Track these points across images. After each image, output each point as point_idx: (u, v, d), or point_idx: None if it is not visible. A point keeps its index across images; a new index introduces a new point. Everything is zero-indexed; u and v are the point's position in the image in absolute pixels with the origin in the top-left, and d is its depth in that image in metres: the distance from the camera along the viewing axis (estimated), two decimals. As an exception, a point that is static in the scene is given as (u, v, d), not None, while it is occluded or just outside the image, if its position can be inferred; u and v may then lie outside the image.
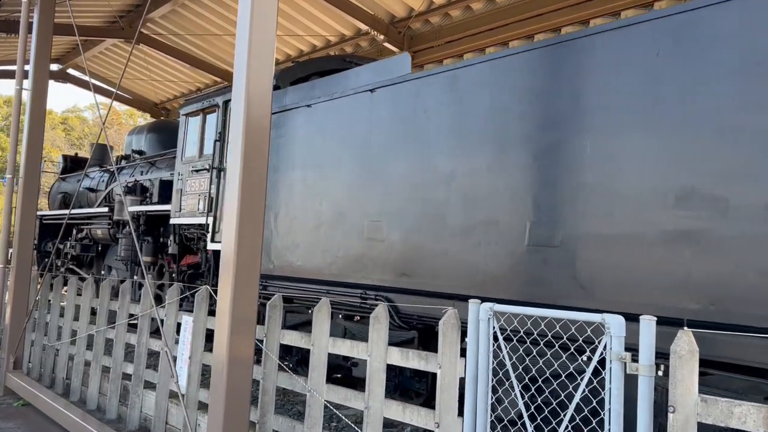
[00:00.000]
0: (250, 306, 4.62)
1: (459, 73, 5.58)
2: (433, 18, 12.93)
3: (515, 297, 4.96)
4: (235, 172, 4.65)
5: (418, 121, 5.94)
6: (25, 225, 9.09)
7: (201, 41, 16.83)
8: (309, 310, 7.57)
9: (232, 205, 4.63)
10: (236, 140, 4.69)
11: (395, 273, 6.00)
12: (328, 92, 7.11)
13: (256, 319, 4.70)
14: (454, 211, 5.51)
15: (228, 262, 4.58)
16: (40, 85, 9.24)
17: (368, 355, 4.40)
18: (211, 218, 8.84)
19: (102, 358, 8.17)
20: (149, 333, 7.38)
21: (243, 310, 4.56)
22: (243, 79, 4.70)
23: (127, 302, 7.82)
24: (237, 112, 4.73)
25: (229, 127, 8.39)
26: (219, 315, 4.58)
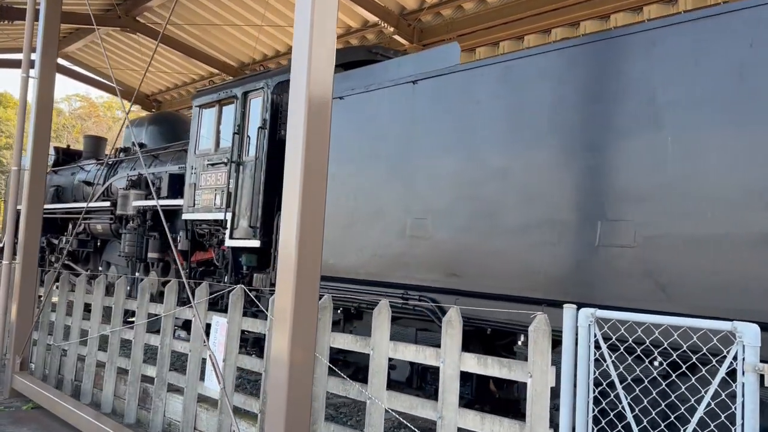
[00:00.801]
0: (311, 310, 4.34)
1: (517, 64, 5.33)
2: (445, 10, 12.66)
3: (581, 299, 4.73)
4: (297, 167, 4.36)
5: (468, 114, 5.69)
6: (31, 219, 8.69)
7: (200, 32, 16.40)
8: (338, 310, 7.31)
9: (293, 202, 4.35)
10: (296, 133, 4.39)
11: (442, 273, 5.75)
12: (363, 84, 6.83)
13: (316, 323, 4.42)
14: (510, 208, 5.27)
15: (289, 263, 4.29)
16: (48, 73, 8.84)
17: (441, 362, 4.14)
18: (229, 214, 8.53)
19: (117, 359, 7.83)
20: (172, 334, 7.05)
21: (304, 314, 4.28)
22: (304, 66, 4.40)
23: (147, 301, 7.48)
24: (297, 102, 4.44)
25: (281, 119, 8.11)
26: (279, 319, 4.29)
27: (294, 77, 4.49)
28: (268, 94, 8.21)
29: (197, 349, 6.52)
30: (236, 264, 8.56)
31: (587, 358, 3.41)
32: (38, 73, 8.73)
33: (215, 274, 9.73)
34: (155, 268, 11.23)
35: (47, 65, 8.81)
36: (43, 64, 8.76)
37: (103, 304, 8.40)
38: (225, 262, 8.77)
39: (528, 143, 5.18)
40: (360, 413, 6.72)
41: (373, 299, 6.48)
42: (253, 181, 8.19)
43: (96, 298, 8.39)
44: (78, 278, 8.94)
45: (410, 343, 5.11)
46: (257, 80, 8.43)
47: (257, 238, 8.07)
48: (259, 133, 8.20)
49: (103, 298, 8.39)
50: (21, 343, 8.56)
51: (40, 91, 8.72)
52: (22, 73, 8.80)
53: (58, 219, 14.73)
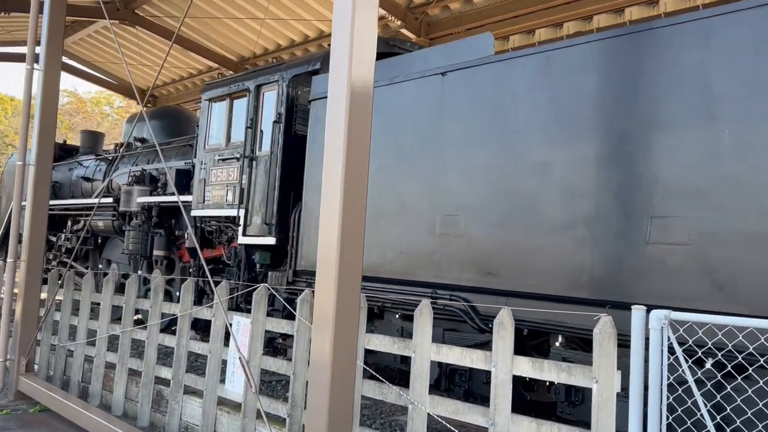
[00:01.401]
0: (353, 311, 4.13)
1: (558, 54, 5.14)
2: (454, 4, 12.47)
3: (630, 299, 4.55)
4: (337, 163, 4.15)
5: (503, 107, 5.50)
6: (36, 216, 8.41)
7: (199, 25, 16.12)
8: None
9: (333, 199, 4.14)
10: (337, 127, 4.18)
11: (476, 271, 5.56)
12: (386, 76, 6.62)
13: (357, 324, 4.21)
14: (551, 204, 5.09)
15: (330, 262, 4.08)
16: (53, 66, 8.56)
17: (493, 366, 3.95)
18: (242, 210, 8.30)
19: (128, 360, 7.58)
20: (189, 335, 6.82)
21: (347, 316, 4.07)
22: (345, 55, 4.19)
23: (160, 300, 7.24)
24: (337, 94, 4.22)
25: (296, 113, 7.88)
26: (320, 321, 4.08)
27: (334, 67, 4.27)
28: (283, 87, 7.98)
29: (217, 350, 6.29)
30: (249, 262, 8.33)
31: (659, 362, 3.22)
32: (43, 66, 8.45)
33: (224, 272, 9.51)
34: (159, 266, 10.98)
35: (53, 57, 8.53)
36: (48, 55, 8.49)
37: (112, 304, 8.15)
38: (237, 259, 8.53)
39: (571, 137, 4.99)
40: (382, 416, 6.53)
41: (399, 298, 6.29)
42: (267, 176, 7.96)
43: (105, 297, 8.14)
44: (84, 277, 8.68)
45: (440, 343, 4.93)
46: (271, 73, 8.20)
47: (272, 235, 7.85)
48: (274, 127, 7.97)
49: (112, 297, 8.14)
50: (26, 343, 8.29)
51: (45, 84, 8.44)
52: (27, 65, 8.52)
53: (56, 216, 14.41)
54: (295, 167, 7.91)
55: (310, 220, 7.30)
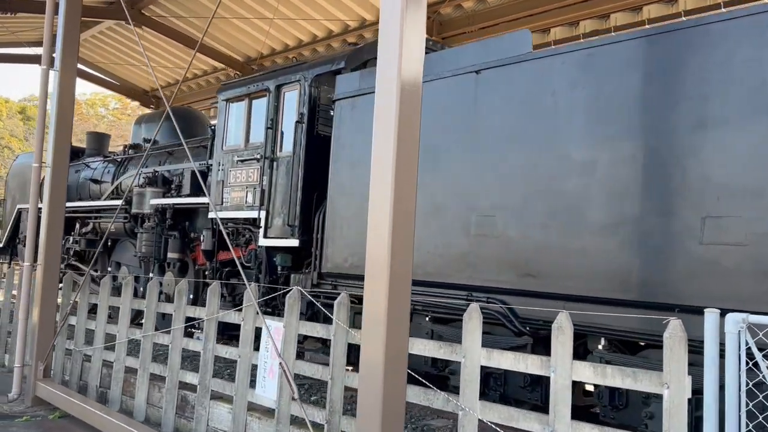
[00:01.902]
0: (404, 315, 4.02)
1: (601, 51, 5.04)
2: (467, 3, 12.36)
3: (683, 302, 4.45)
4: (387, 163, 4.05)
5: (543, 105, 5.39)
6: (53, 219, 8.28)
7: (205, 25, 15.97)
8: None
9: (383, 199, 4.03)
10: (387, 125, 4.08)
11: (514, 273, 5.45)
12: (415, 75, 6.50)
13: (408, 329, 4.10)
14: (596, 204, 4.98)
15: (380, 265, 3.96)
16: (69, 66, 8.42)
17: (552, 371, 3.84)
18: (263, 212, 8.17)
19: (150, 365, 7.45)
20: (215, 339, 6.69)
21: (398, 320, 3.96)
22: (395, 49, 4.08)
23: (184, 304, 7.12)
24: (387, 91, 4.12)
25: (319, 113, 7.76)
26: (371, 326, 3.97)
27: (383, 61, 4.17)
28: (305, 87, 7.86)
29: (246, 354, 6.17)
30: (270, 264, 8.21)
31: (737, 367, 3.12)
32: (59, 66, 8.32)
33: (239, 274, 9.37)
34: (172, 269, 10.84)
35: (68, 58, 8.39)
36: (64, 57, 8.35)
37: (131, 307, 8.03)
38: (257, 262, 8.40)
39: (617, 135, 4.89)
40: (413, 420, 6.41)
41: (432, 301, 6.18)
42: (289, 177, 7.84)
43: (124, 300, 8.01)
44: (102, 280, 8.55)
45: (455, 344, 4.83)
46: (292, 72, 8.07)
47: (296, 237, 7.73)
48: (296, 127, 7.85)
49: (132, 300, 8.02)
50: (44, 348, 8.15)
51: (61, 86, 8.30)
52: (42, 65, 8.38)
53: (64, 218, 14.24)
54: (317, 168, 7.79)
55: (335, 222, 7.17)
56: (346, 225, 7.03)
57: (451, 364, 6.12)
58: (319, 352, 8.01)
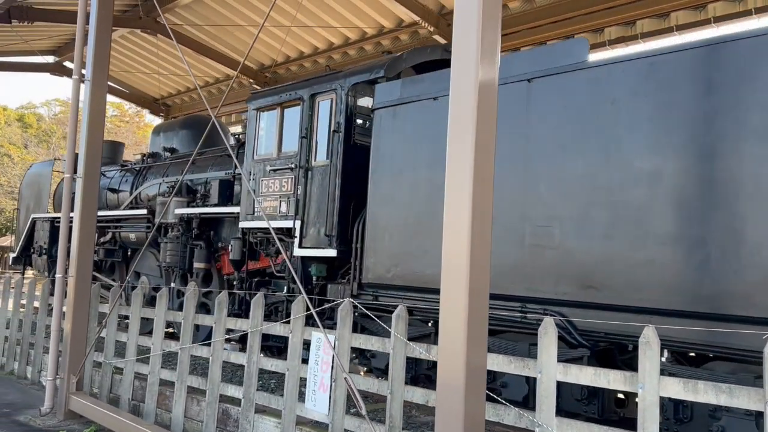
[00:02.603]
0: (483, 330, 3.94)
1: (665, 59, 4.98)
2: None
3: (754, 313, 4.39)
4: (465, 169, 3.95)
5: (601, 114, 5.33)
6: (85, 229, 8.18)
7: (219, 32, 15.91)
8: (428, 323, 6.92)
9: (461, 207, 3.94)
10: (464, 133, 4.00)
11: (574, 284, 5.38)
12: (461, 83, 6.44)
13: (486, 344, 4.02)
14: (661, 214, 4.92)
15: (458, 276, 3.88)
16: (100, 76, 8.34)
17: (640, 387, 3.77)
18: (298, 222, 8.09)
19: (188, 378, 7.35)
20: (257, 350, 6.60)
21: (477, 336, 3.88)
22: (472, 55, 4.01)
23: (224, 316, 7.02)
24: (464, 97, 4.05)
25: (355, 123, 7.69)
26: (449, 341, 3.88)
27: (459, 62, 4.11)
28: (342, 95, 7.79)
29: (295, 367, 6.08)
30: (306, 273, 8.13)
31: None
32: (90, 77, 8.23)
33: (270, 285, 9.30)
34: (195, 278, 10.75)
35: (99, 68, 8.31)
36: (95, 66, 8.26)
37: (166, 319, 7.93)
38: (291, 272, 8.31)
39: (686, 145, 4.83)
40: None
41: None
42: (326, 187, 7.76)
43: (159, 312, 7.91)
44: (134, 291, 8.45)
45: (526, 358, 4.76)
46: (328, 81, 8.01)
47: (333, 247, 7.65)
48: (333, 136, 7.78)
49: (167, 312, 7.92)
50: (77, 361, 8.05)
51: (92, 95, 8.22)
52: (74, 74, 8.30)
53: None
54: (354, 177, 7.73)
55: (376, 232, 7.10)
56: (388, 235, 6.96)
57: (502, 377, 6.04)
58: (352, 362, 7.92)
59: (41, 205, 15.27)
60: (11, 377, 10.88)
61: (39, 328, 10.52)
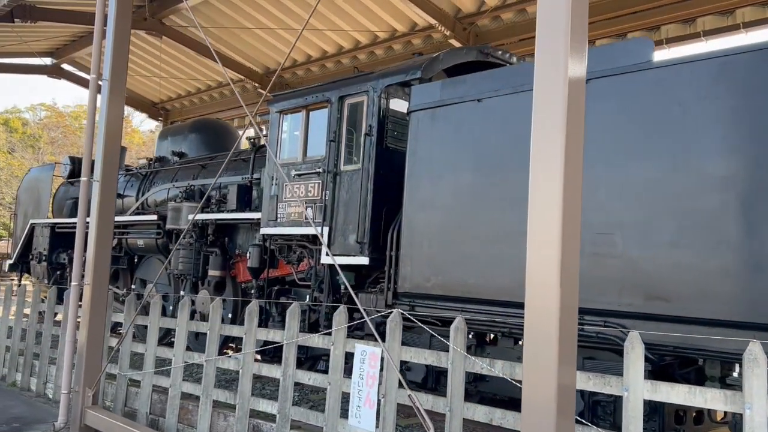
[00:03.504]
0: (573, 348, 3.65)
1: (741, 59, 4.75)
2: (506, 14, 12.11)
3: None
4: (556, 177, 3.68)
5: (668, 117, 5.09)
6: (102, 235, 7.81)
7: (227, 35, 15.58)
8: (469, 335, 6.63)
9: (551, 217, 3.67)
10: (553, 136, 3.73)
11: (639, 295, 5.11)
12: (506, 84, 6.19)
13: (576, 361, 3.73)
14: (736, 222, 4.67)
15: (548, 289, 3.60)
16: (119, 77, 8.01)
17: (747, 408, 3.51)
18: (326, 228, 7.78)
19: (213, 391, 7.01)
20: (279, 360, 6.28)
21: (568, 356, 3.60)
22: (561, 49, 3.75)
23: (255, 326, 6.70)
24: (552, 96, 3.78)
25: (388, 126, 7.42)
26: (534, 355, 3.60)
27: (545, 58, 3.83)
28: (374, 98, 7.51)
29: (337, 381, 5.77)
30: (334, 281, 7.82)
31: None
32: (108, 77, 7.90)
33: (290, 293, 8.98)
34: (207, 286, 10.40)
35: (118, 69, 7.98)
36: (113, 67, 7.94)
37: (187, 329, 7.59)
38: (318, 280, 8.00)
39: (759, 150, 4.59)
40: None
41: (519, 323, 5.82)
42: (357, 192, 7.47)
43: (180, 322, 7.57)
44: (152, 301, 8.10)
45: (606, 374, 4.50)
46: (359, 83, 7.72)
47: (365, 255, 7.34)
48: (365, 140, 7.50)
49: (188, 322, 7.58)
50: (92, 374, 7.66)
51: (111, 97, 7.89)
52: (92, 74, 7.97)
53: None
54: (386, 182, 7.45)
55: (413, 239, 6.81)
56: (427, 242, 6.67)
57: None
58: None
59: (40, 211, 14.83)
60: (14, 389, 10.47)
61: (45, 338, 10.13)
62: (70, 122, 59.76)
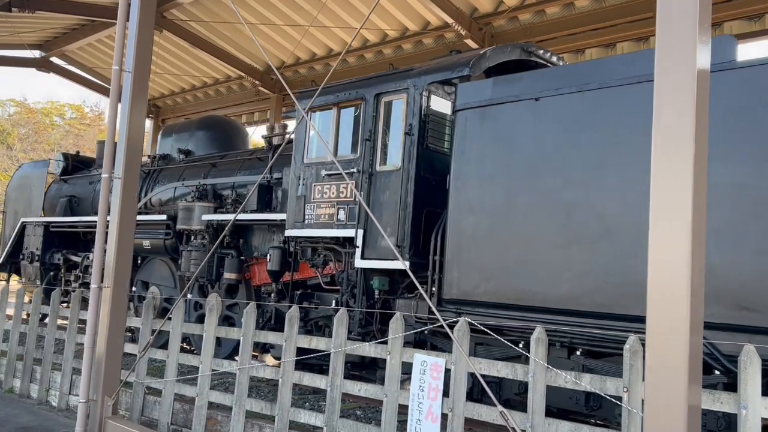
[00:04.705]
0: (699, 362, 3.39)
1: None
2: (523, 15, 11.91)
3: None
4: (686, 181, 3.42)
5: (753, 118, 4.88)
6: (123, 235, 7.39)
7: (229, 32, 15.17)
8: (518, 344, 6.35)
9: (680, 224, 3.40)
10: (682, 133, 3.47)
11: (727, 305, 4.88)
12: (566, 83, 5.93)
13: (701, 376, 3.47)
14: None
15: (677, 304, 3.32)
16: (143, 68, 7.59)
17: None
18: (360, 231, 7.46)
19: (246, 401, 6.65)
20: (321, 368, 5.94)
21: (695, 367, 3.33)
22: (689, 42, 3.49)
23: (295, 333, 6.35)
24: (678, 90, 3.52)
25: (429, 125, 7.08)
26: (659, 374, 3.33)
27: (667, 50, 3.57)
28: (415, 95, 7.21)
29: (393, 393, 5.46)
30: (369, 287, 7.50)
31: None
32: (132, 69, 7.48)
33: (314, 297, 8.63)
34: (217, 289, 10.01)
35: (142, 60, 7.56)
36: (137, 59, 7.51)
37: (216, 335, 7.21)
38: (350, 284, 7.67)
39: None
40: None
41: (591, 333, 5.58)
42: (398, 193, 7.16)
43: (208, 328, 7.19)
44: (175, 305, 7.69)
45: (717, 390, 4.26)
46: (398, 80, 7.42)
47: (405, 259, 7.03)
48: (405, 139, 7.19)
49: (216, 328, 7.20)
50: (112, 382, 7.22)
51: (134, 88, 7.47)
52: (114, 65, 7.54)
53: (80, 233, 13.22)
54: (426, 184, 7.17)
55: (461, 243, 6.52)
56: (476, 247, 6.39)
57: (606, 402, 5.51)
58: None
59: (32, 209, 14.26)
60: (12, 395, 9.97)
61: (47, 342, 9.65)
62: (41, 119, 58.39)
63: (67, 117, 59.15)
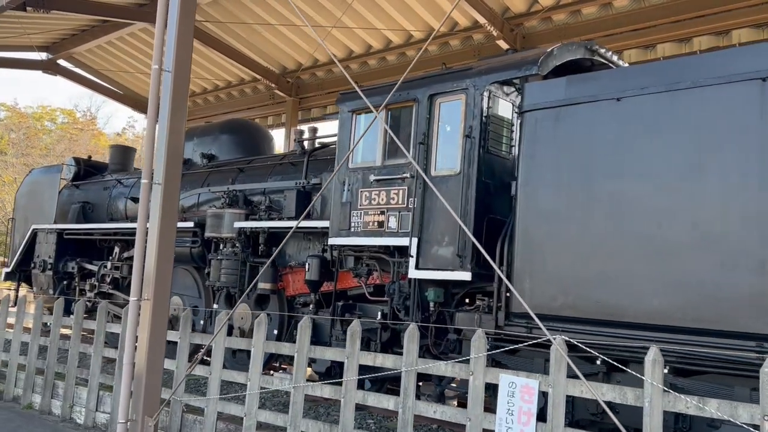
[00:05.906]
0: None
1: None
2: (558, 15, 11.55)
3: None
4: None
5: None
6: (164, 245, 6.95)
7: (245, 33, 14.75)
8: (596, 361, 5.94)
9: None
10: None
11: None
12: (658, 82, 5.55)
13: None
14: None
15: None
16: (184, 68, 7.16)
17: None
18: (414, 239, 7.05)
19: (301, 422, 6.22)
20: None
21: None
22: None
23: (357, 349, 5.93)
24: None
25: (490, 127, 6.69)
26: None
27: None
28: (475, 96, 6.82)
29: (478, 417, 5.04)
30: (424, 298, 7.09)
31: None
32: (173, 68, 7.05)
33: (356, 309, 8.20)
34: (247, 300, 9.56)
35: (182, 58, 7.14)
36: (178, 58, 7.09)
37: (265, 350, 6.77)
38: (401, 296, 7.25)
39: None
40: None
41: (680, 350, 5.17)
42: (457, 200, 6.75)
43: (257, 342, 6.75)
44: (218, 316, 7.26)
45: None
46: (455, 80, 7.02)
47: (465, 269, 6.63)
48: (465, 142, 6.80)
49: (265, 342, 6.77)
50: (153, 402, 6.78)
51: (175, 89, 7.04)
52: (154, 64, 7.10)
53: (96, 241, 12.73)
54: (487, 189, 6.78)
55: (532, 253, 6.12)
56: (551, 257, 5.99)
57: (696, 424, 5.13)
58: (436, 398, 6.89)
59: (44, 215, 13.73)
60: (32, 411, 9.47)
61: (71, 356, 9.17)
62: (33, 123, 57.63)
63: (58, 122, 58.45)
